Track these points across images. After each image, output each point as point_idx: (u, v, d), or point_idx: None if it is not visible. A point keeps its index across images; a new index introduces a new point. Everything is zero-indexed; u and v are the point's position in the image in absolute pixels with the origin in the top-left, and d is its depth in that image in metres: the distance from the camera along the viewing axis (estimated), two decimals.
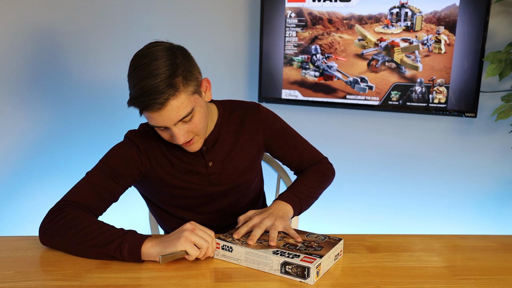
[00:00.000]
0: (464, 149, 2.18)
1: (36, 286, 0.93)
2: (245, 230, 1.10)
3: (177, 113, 1.06)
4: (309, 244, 1.06)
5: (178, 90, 1.04)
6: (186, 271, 1.01)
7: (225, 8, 2.33)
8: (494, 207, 2.19)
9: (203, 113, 1.13)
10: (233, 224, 1.30)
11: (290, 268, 0.97)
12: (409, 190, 2.29)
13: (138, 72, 1.04)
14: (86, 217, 1.08)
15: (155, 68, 1.03)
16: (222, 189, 1.29)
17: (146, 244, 1.01)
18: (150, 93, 1.02)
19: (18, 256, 1.06)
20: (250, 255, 1.02)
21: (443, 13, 2.00)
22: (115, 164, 1.18)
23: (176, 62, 1.05)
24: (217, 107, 1.29)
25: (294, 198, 1.23)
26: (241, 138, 1.29)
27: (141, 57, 1.06)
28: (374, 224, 2.29)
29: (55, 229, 1.06)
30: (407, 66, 2.09)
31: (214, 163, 1.25)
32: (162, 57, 1.05)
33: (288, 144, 1.36)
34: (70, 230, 1.04)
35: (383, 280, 1.00)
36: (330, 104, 2.24)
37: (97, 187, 1.15)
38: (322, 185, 1.35)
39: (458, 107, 2.05)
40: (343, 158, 2.34)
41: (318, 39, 2.19)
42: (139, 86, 1.03)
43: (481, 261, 1.12)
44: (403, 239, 1.23)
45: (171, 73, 1.03)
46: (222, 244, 1.05)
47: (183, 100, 1.05)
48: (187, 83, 1.06)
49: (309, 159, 1.40)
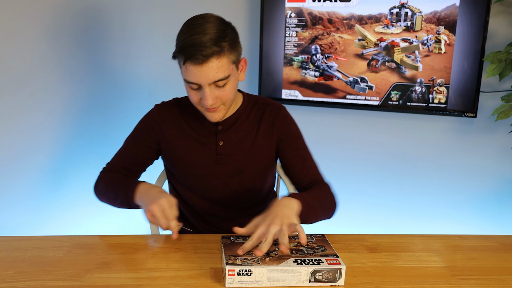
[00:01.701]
0: (464, 149, 2.18)
1: (36, 286, 0.93)
2: (250, 245, 1.00)
3: (215, 72, 1.12)
4: (310, 246, 1.05)
5: (223, 52, 1.12)
6: (186, 271, 1.01)
7: (225, 8, 2.33)
8: (494, 207, 2.19)
9: (235, 85, 1.20)
10: (236, 218, 1.32)
11: (321, 275, 0.95)
12: (409, 190, 2.29)
13: (191, 29, 1.13)
14: (113, 178, 1.31)
15: (207, 28, 1.12)
16: (227, 171, 1.31)
17: (137, 200, 1.21)
18: (198, 45, 1.09)
19: (18, 256, 1.06)
20: (274, 273, 0.93)
21: (443, 13, 2.00)
22: (136, 134, 1.35)
23: (226, 30, 1.14)
24: (243, 97, 1.35)
25: (299, 196, 1.16)
26: (257, 130, 1.32)
27: (195, 19, 1.16)
28: (374, 224, 2.29)
29: (98, 190, 1.34)
30: (407, 66, 2.09)
31: (224, 144, 1.30)
32: (215, 22, 1.14)
33: (296, 152, 1.34)
34: (103, 191, 1.31)
35: (383, 280, 1.00)
36: (330, 104, 2.24)
37: (126, 156, 1.35)
38: (325, 205, 1.26)
39: (458, 107, 2.05)
40: (343, 158, 2.34)
41: (318, 39, 2.19)
42: (190, 39, 1.11)
43: (481, 261, 1.12)
44: (403, 239, 1.23)
45: (220, 36, 1.12)
46: (239, 270, 0.93)
47: (223, 63, 1.13)
48: (231, 51, 1.14)
49: (313, 176, 1.34)
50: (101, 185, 1.32)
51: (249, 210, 1.38)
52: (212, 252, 1.11)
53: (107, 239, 1.18)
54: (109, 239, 1.18)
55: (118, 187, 1.27)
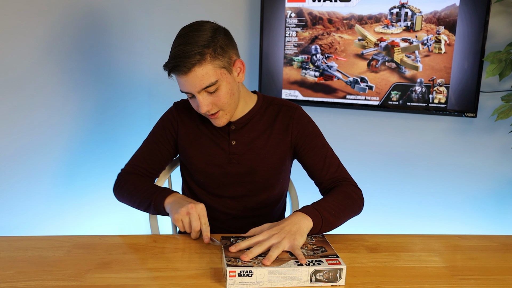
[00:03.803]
0: (464, 149, 2.18)
1: (36, 286, 0.93)
2: (246, 245, 1.02)
3: (200, 80, 1.15)
4: (309, 248, 1.05)
5: (204, 60, 1.14)
6: (186, 271, 1.01)
7: (225, 8, 2.33)
8: (494, 207, 2.19)
9: (229, 89, 1.21)
10: (248, 217, 1.36)
11: (321, 275, 0.95)
12: (409, 190, 2.29)
13: (179, 39, 1.17)
14: (135, 182, 1.32)
15: (193, 37, 1.15)
16: (239, 171, 1.32)
17: (166, 205, 1.22)
18: (180, 57, 1.13)
19: (18, 256, 1.06)
20: (275, 273, 0.94)
21: (443, 13, 2.00)
22: (157, 132, 1.38)
23: (213, 37, 1.16)
24: (257, 97, 1.37)
25: (315, 212, 1.13)
26: (271, 130, 1.33)
27: (186, 28, 1.19)
28: (374, 224, 2.29)
29: (118, 192, 1.35)
30: (407, 66, 2.09)
31: (237, 144, 1.32)
32: (204, 31, 1.16)
33: (314, 150, 1.32)
34: (126, 192, 1.32)
35: (383, 280, 1.00)
36: (330, 104, 2.24)
37: (147, 155, 1.37)
38: (348, 208, 1.22)
39: (458, 107, 2.05)
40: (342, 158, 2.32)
41: (318, 39, 2.19)
42: (175, 50, 1.15)
43: (481, 261, 1.12)
44: (403, 239, 1.23)
45: (204, 45, 1.14)
46: (239, 271, 0.92)
47: (208, 69, 1.15)
48: (216, 56, 1.16)
49: (333, 174, 1.31)
50: (124, 188, 1.33)
51: (262, 210, 1.39)
52: (212, 252, 1.11)
53: (107, 239, 1.18)
54: (109, 239, 1.18)
55: (144, 191, 1.28)
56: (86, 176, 2.05)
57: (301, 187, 1.64)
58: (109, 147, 2.19)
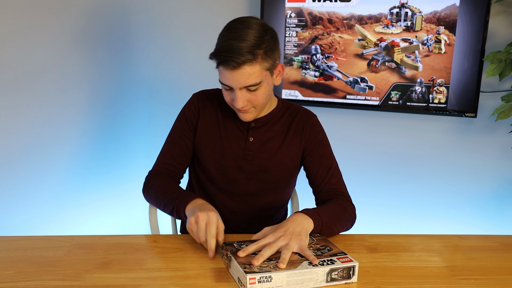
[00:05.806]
0: (464, 149, 2.18)
1: (36, 286, 0.93)
2: (254, 249, 1.01)
3: (246, 78, 1.16)
4: (314, 248, 1.05)
5: (256, 59, 1.15)
6: (186, 271, 1.01)
7: (225, 8, 2.33)
8: (494, 207, 2.19)
9: (267, 90, 1.23)
10: (256, 217, 1.37)
11: (336, 274, 0.97)
12: (409, 190, 2.29)
13: (230, 33, 1.16)
14: (162, 184, 1.31)
15: (245, 34, 1.15)
16: (252, 168, 1.34)
17: (186, 212, 1.17)
18: (232, 52, 1.13)
19: (18, 256, 1.06)
20: (293, 276, 0.94)
21: (443, 13, 2.00)
22: (179, 125, 1.38)
23: (264, 37, 1.16)
24: (278, 100, 1.39)
25: (316, 215, 1.14)
26: (286, 132, 1.35)
27: (237, 22, 1.19)
28: (374, 224, 2.29)
29: (147, 193, 1.34)
30: (407, 66, 2.09)
31: (254, 141, 1.34)
32: (255, 28, 1.16)
33: (321, 159, 1.34)
34: (153, 195, 1.31)
35: (383, 280, 1.00)
36: (330, 104, 2.24)
37: (174, 152, 1.37)
38: (343, 220, 1.23)
39: (458, 107, 2.05)
40: (343, 158, 2.33)
41: (318, 39, 2.19)
42: (226, 43, 1.15)
43: (481, 261, 1.12)
44: (403, 239, 1.23)
45: (256, 44, 1.14)
46: (259, 277, 0.91)
47: (256, 70, 1.16)
48: (266, 58, 1.17)
49: (333, 185, 1.33)
50: (151, 190, 1.32)
51: (266, 211, 1.39)
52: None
53: (107, 239, 1.18)
54: (109, 239, 1.18)
55: (168, 195, 1.25)
56: (86, 176, 2.05)
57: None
58: (109, 147, 2.19)
